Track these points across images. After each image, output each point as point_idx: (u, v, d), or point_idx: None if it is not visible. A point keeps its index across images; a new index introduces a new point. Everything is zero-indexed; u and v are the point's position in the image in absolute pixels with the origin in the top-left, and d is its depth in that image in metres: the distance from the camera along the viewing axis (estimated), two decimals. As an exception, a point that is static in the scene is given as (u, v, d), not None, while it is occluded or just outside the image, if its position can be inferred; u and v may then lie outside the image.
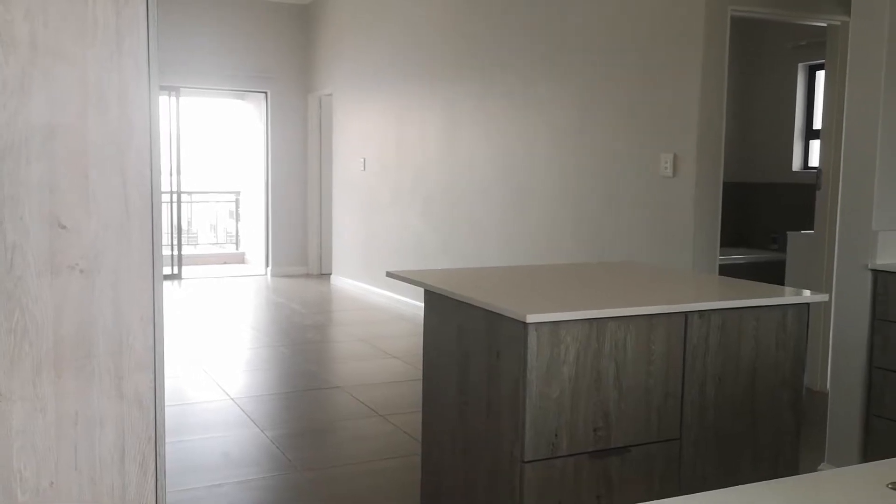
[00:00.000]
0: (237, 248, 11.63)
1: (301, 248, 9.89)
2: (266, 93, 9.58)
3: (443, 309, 2.53)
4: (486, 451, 2.28)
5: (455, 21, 6.66)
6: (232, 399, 4.54)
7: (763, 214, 6.68)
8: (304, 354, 5.71)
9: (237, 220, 11.75)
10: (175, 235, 9.52)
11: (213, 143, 11.77)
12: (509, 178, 5.96)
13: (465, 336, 2.39)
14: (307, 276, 9.82)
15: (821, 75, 6.14)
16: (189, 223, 12.00)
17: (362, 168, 8.44)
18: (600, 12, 4.94)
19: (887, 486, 0.80)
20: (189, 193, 11.30)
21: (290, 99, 9.65)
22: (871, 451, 3.19)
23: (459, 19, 6.59)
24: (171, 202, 9.42)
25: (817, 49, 6.03)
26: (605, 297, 2.32)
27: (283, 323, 6.92)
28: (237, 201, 11.63)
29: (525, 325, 2.07)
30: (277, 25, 9.51)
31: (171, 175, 9.22)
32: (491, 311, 2.22)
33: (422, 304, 2.70)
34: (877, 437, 3.17)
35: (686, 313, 2.29)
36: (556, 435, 2.12)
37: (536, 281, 2.65)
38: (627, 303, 2.23)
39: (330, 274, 9.53)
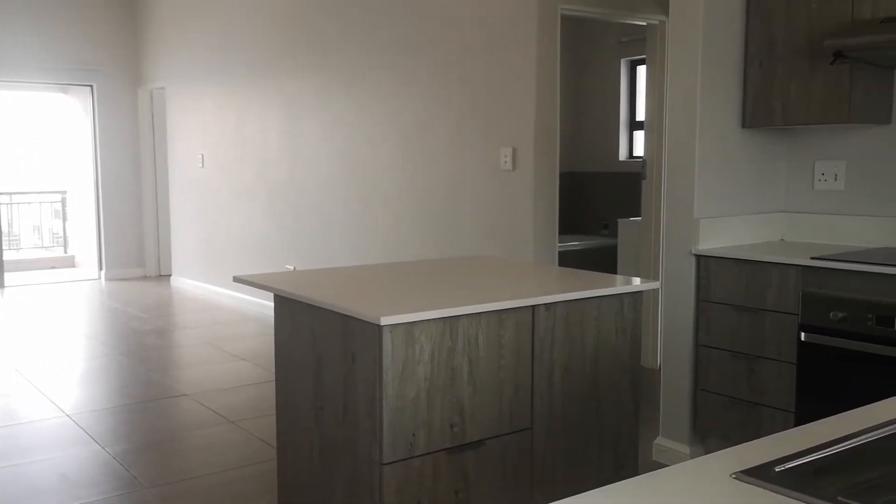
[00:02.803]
0: (66, 251, 10.92)
1: (137, 249, 9.42)
2: (92, 86, 9.02)
3: (294, 313, 2.50)
4: (344, 455, 2.28)
5: (294, 13, 6.54)
6: (67, 415, 4.28)
7: (594, 202, 7.04)
8: (145, 362, 5.46)
9: (64, 220, 11.03)
10: (-7, 240, 8.81)
11: (34, 139, 10.97)
12: (354, 174, 5.94)
13: (318, 340, 2.38)
14: (145, 278, 9.38)
15: (642, 70, 6.52)
16: (10, 226, 11.15)
17: (200, 165, 8.14)
18: (440, 10, 5.01)
19: (731, 476, 0.87)
20: (9, 194, 10.48)
21: (119, 92, 9.14)
22: (699, 423, 3.46)
23: (298, 11, 6.48)
24: (-12, 204, 8.70)
25: (639, 45, 6.41)
26: (456, 294, 2.38)
27: (120, 329, 6.58)
28: (64, 201, 10.91)
29: (379, 327, 2.09)
30: (102, 13, 8.96)
31: (-15, 175, 8.52)
32: (344, 315, 2.22)
33: (269, 303, 2.66)
34: (704, 410, 3.44)
35: (533, 307, 2.38)
36: (413, 435, 2.15)
37: (387, 280, 2.67)
38: (478, 299, 2.29)
39: (170, 275, 9.14)
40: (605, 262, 6.40)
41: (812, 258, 3.03)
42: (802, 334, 3.06)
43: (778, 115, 3.38)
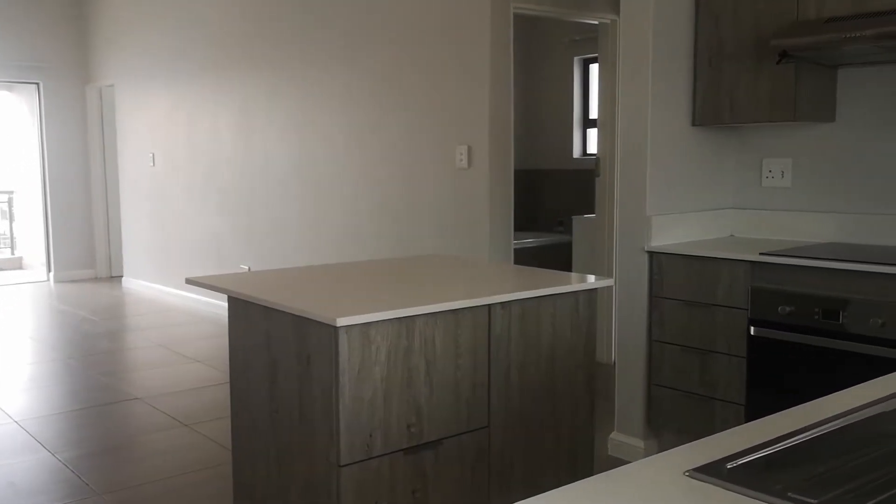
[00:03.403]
0: (13, 253, 10.65)
1: (87, 250, 9.22)
2: (38, 84, 8.80)
3: (248, 315, 2.48)
4: (301, 458, 2.26)
5: (247, 10, 6.47)
6: (15, 422, 4.18)
7: (549, 199, 7.09)
8: (96, 366, 5.36)
9: (11, 221, 10.76)
10: (-65, 243, 8.56)
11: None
12: (308, 172, 5.90)
13: (273, 342, 2.36)
14: (96, 279, 9.19)
15: (595, 68, 6.58)
16: (-48, 227, 10.85)
17: (152, 164, 8.01)
18: (393, 9, 5.00)
19: (684, 473, 0.89)
20: (-50, 195, 10.19)
21: (67, 90, 8.93)
22: (653, 417, 3.51)
23: (251, 8, 6.41)
24: (-72, 206, 8.45)
25: (591, 44, 6.46)
26: (413, 293, 2.38)
27: (70, 332, 6.44)
28: (10, 201, 10.64)
29: (335, 328, 2.08)
30: (48, 8, 8.74)
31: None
32: (300, 316, 2.21)
33: (223, 304, 2.63)
34: (657, 405, 3.49)
35: (489, 305, 2.39)
36: (370, 436, 2.15)
37: (343, 280, 2.66)
38: (434, 299, 2.29)
39: (122, 277, 8.98)
40: (560, 258, 6.45)
41: (760, 254, 3.09)
42: (752, 329, 3.12)
43: (727, 113, 3.44)
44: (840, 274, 2.88)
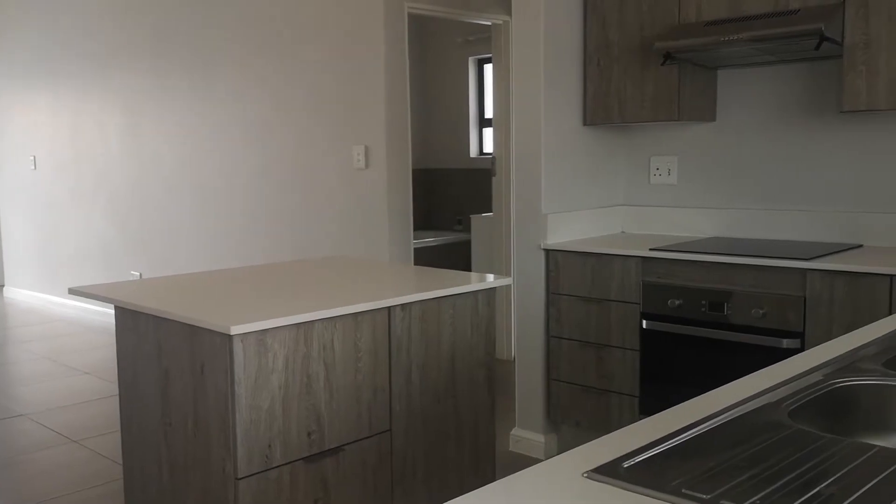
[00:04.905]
0: None
1: (-41, 260, 8.67)
2: None
3: (138, 325, 2.38)
4: (196, 472, 2.19)
5: (133, 7, 6.21)
6: None
7: (447, 198, 7.13)
8: (-27, 382, 5.04)
9: None
10: None
11: None
12: (201, 175, 5.73)
13: (165, 352, 2.27)
14: (-30, 290, 8.65)
15: (489, 68, 6.66)
16: None
17: (33, 167, 7.60)
18: (285, 7, 4.90)
19: (583, 475, 0.89)
20: None
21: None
22: (552, 412, 3.57)
23: (137, 5, 6.17)
24: None
25: (485, 44, 6.53)
26: (311, 298, 2.33)
27: (-57, 348, 6.04)
28: None
29: (230, 336, 2.02)
30: None
31: None
32: (192, 325, 2.13)
33: (113, 312, 2.52)
34: (556, 399, 3.55)
35: (389, 308, 2.38)
36: (269, 446, 2.10)
37: (238, 286, 2.59)
38: (333, 303, 2.25)
39: (2, 286, 8.49)
40: (459, 256, 6.50)
41: (650, 249, 3.19)
42: (644, 322, 3.22)
43: (615, 113, 3.53)
44: (723, 267, 3.00)
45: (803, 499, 0.84)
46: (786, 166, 3.43)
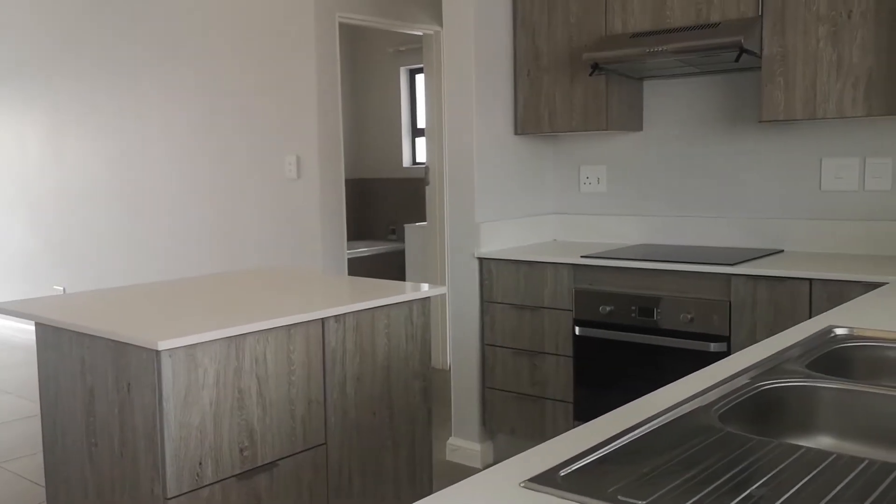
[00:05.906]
0: None
1: None
2: None
3: (60, 342, 2.29)
4: (124, 493, 2.12)
5: (54, 13, 6.02)
6: None
7: (381, 208, 7.10)
8: None
9: None
10: None
11: None
12: (127, 184, 5.57)
13: (89, 370, 2.19)
14: None
15: (421, 78, 6.67)
16: None
17: (-58, 178, 7.27)
18: (215, 15, 4.82)
19: (520, 485, 0.89)
20: None
21: None
22: (488, 420, 3.58)
23: (59, 11, 5.98)
24: None
25: (416, 54, 6.55)
26: (242, 310, 2.29)
27: None
28: None
29: (157, 352, 1.96)
30: None
31: None
32: (118, 342, 2.06)
33: (34, 328, 2.42)
34: (492, 407, 3.57)
35: (323, 319, 2.35)
36: (200, 464, 2.04)
37: (167, 299, 2.52)
38: (265, 315, 2.21)
39: None
40: (394, 266, 6.47)
41: (581, 256, 3.23)
42: (577, 329, 3.26)
43: (545, 122, 3.58)
44: (651, 273, 3.06)
45: (736, 501, 0.86)
46: (709, 174, 3.52)
